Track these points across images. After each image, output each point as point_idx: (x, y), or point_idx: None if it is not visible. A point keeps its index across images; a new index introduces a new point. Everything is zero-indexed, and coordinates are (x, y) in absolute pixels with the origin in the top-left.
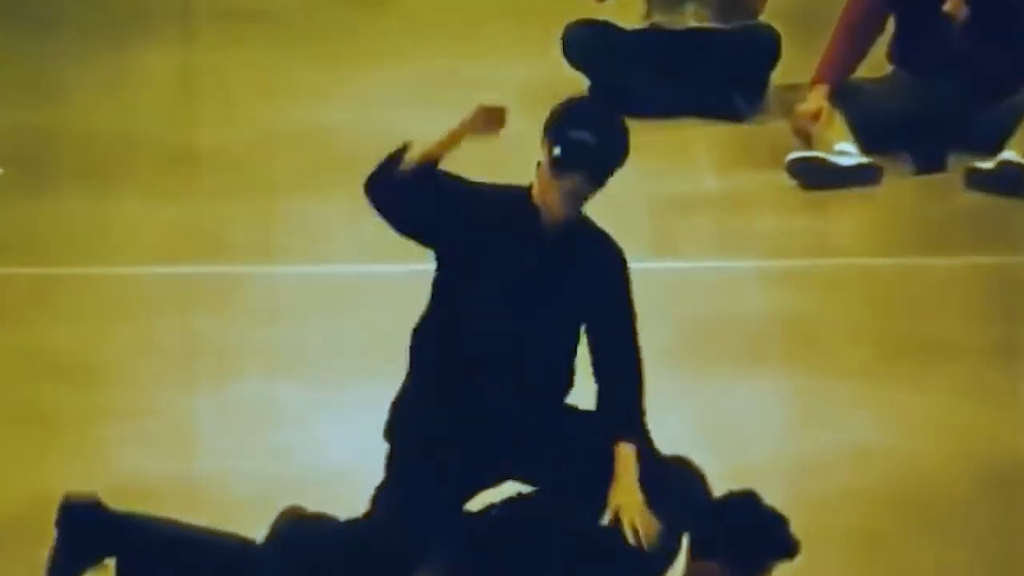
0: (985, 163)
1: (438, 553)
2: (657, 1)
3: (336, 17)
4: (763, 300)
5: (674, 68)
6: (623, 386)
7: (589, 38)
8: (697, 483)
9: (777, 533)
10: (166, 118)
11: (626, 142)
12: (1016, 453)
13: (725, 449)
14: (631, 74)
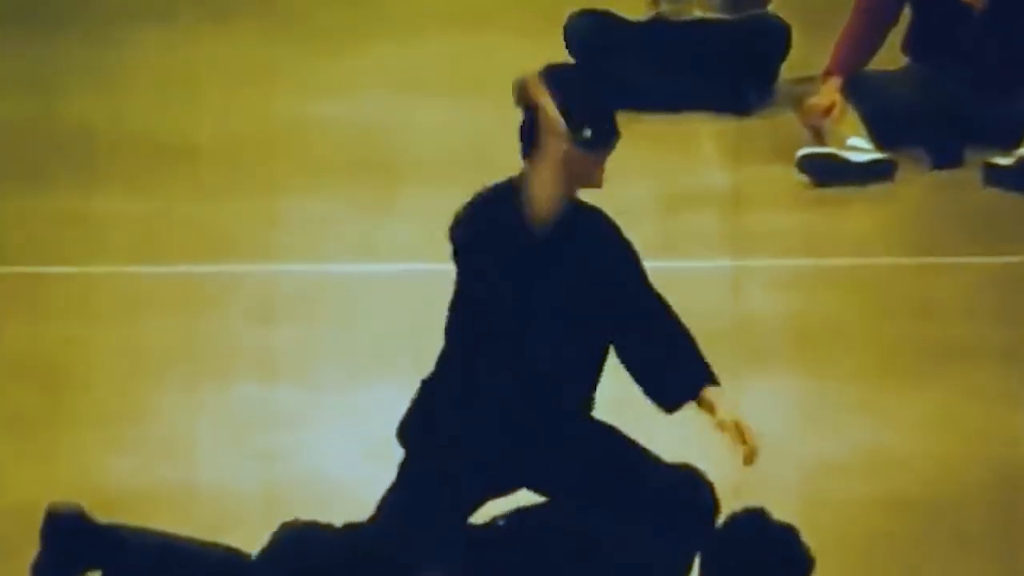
0: (1003, 159)
1: (440, 562)
2: None
3: (333, 10)
4: (771, 300)
5: (680, 60)
6: (683, 340)
7: (591, 29)
8: (706, 491)
9: (790, 550)
10: (154, 113)
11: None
12: None
13: (729, 453)
14: (635, 66)
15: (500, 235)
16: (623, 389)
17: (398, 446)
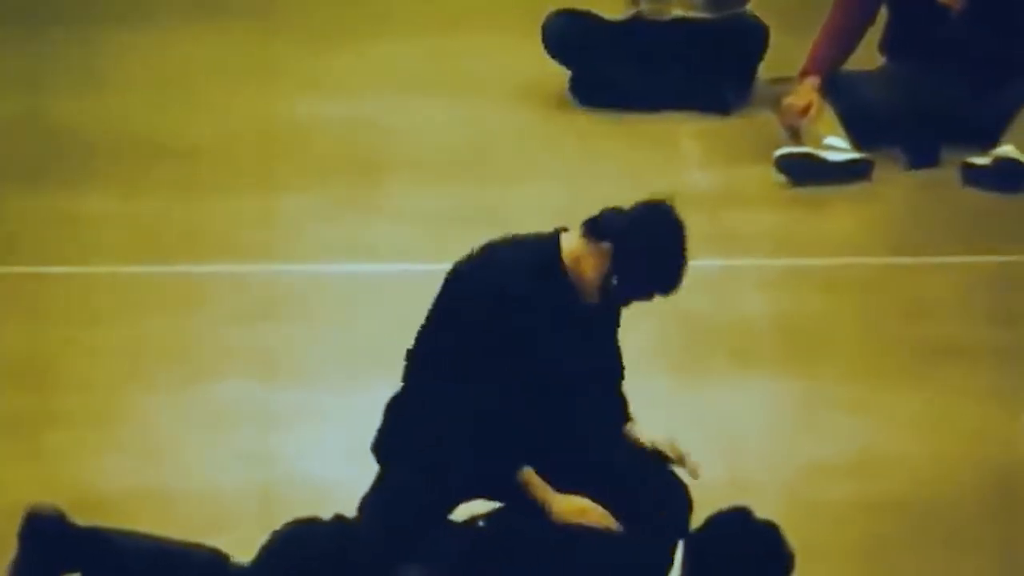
0: (980, 159)
1: (421, 563)
2: None
3: (328, 10)
4: (752, 300)
5: (658, 60)
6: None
7: (569, 28)
8: (680, 491)
9: (772, 547)
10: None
11: (684, 277)
12: (1020, 456)
13: (717, 456)
14: (613, 66)
15: (554, 305)
16: None
17: None
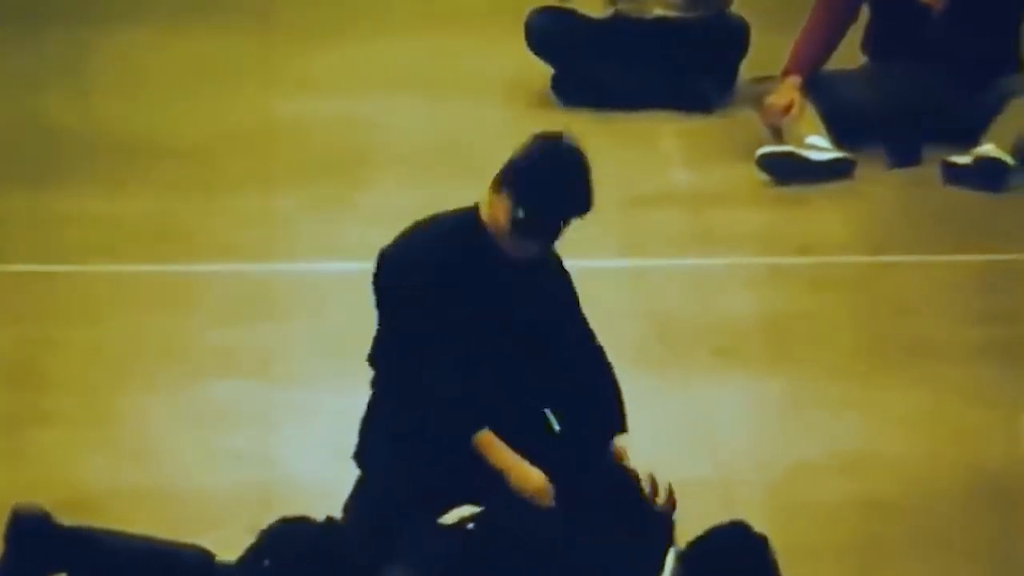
0: (961, 157)
1: (411, 565)
2: None
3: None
4: (735, 299)
5: (639, 58)
6: (612, 383)
7: (551, 25)
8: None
9: (761, 562)
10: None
11: (591, 196)
12: (1007, 455)
13: (704, 456)
14: (595, 64)
15: (480, 263)
16: None
17: None
